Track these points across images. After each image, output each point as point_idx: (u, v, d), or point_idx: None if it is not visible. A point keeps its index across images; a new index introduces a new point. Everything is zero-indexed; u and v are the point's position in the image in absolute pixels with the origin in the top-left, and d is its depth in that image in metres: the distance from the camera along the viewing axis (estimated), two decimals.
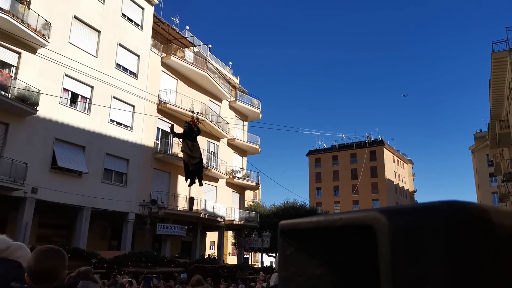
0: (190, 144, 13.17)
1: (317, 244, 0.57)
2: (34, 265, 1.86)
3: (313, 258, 0.59)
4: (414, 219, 0.42)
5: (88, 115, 20.05)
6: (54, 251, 1.94)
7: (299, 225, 0.55)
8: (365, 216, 0.44)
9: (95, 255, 14.52)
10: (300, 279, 0.62)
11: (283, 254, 0.65)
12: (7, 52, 16.88)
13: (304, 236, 0.58)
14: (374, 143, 64.81)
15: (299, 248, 0.61)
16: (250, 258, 40.27)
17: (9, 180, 15.63)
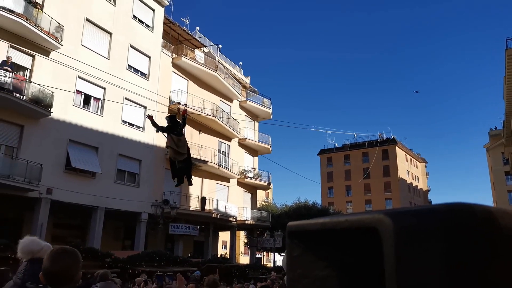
0: (176, 139, 11.76)
1: (323, 246, 0.57)
2: (49, 266, 1.89)
3: (320, 260, 0.59)
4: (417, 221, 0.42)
5: (101, 116, 20.30)
6: (68, 253, 1.97)
7: (306, 227, 0.55)
8: (369, 218, 0.44)
9: (109, 255, 14.68)
10: (306, 280, 0.62)
11: (291, 255, 0.66)
12: (21, 55, 17.19)
13: (311, 238, 0.58)
14: (386, 141, 64.22)
15: (306, 250, 0.61)
16: (262, 258, 40.29)
17: (25, 181, 15.92)
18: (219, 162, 26.97)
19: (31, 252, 2.55)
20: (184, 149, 12.02)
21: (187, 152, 12.18)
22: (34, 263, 2.52)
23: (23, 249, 2.57)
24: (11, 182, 15.47)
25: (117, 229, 23.09)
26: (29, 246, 2.57)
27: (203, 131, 26.50)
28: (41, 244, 2.60)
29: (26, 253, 2.56)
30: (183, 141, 11.99)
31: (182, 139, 11.98)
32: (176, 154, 11.86)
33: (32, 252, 2.55)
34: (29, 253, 2.55)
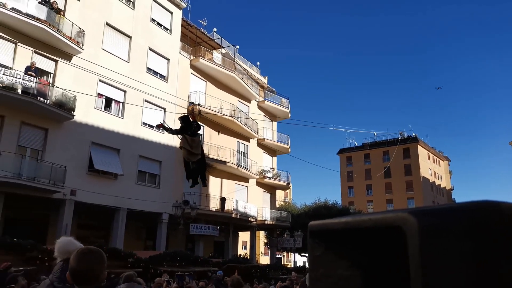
0: (190, 139, 11.38)
1: (346, 245, 0.56)
2: (76, 265, 1.94)
3: (343, 259, 0.59)
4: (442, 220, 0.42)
5: (121, 119, 20.66)
6: (94, 253, 2.01)
7: (328, 226, 0.54)
8: (393, 217, 0.43)
9: (131, 255, 14.92)
10: (329, 280, 0.62)
11: (313, 255, 0.65)
12: (45, 60, 17.67)
13: (333, 237, 0.57)
14: (408, 140, 63.08)
15: (328, 249, 0.60)
16: (282, 258, 40.18)
17: (50, 183, 16.35)
18: (238, 162, 27.05)
19: (67, 252, 2.63)
20: (198, 149, 11.78)
21: (201, 153, 11.95)
22: (69, 263, 2.61)
23: (60, 249, 2.65)
24: (37, 184, 15.93)
25: (139, 229, 23.44)
26: (66, 246, 2.65)
27: (221, 132, 26.64)
28: (76, 245, 2.68)
29: (63, 253, 2.64)
30: (196, 141, 11.75)
31: (196, 139, 11.73)
32: (190, 155, 11.62)
33: (69, 252, 2.63)
34: (65, 253, 2.63)
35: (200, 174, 12.53)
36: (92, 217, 20.24)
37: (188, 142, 11.37)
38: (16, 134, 16.37)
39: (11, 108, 15.89)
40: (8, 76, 15.33)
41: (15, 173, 15.32)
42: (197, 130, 11.83)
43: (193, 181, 12.47)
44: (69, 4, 18.87)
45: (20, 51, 16.72)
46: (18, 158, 15.96)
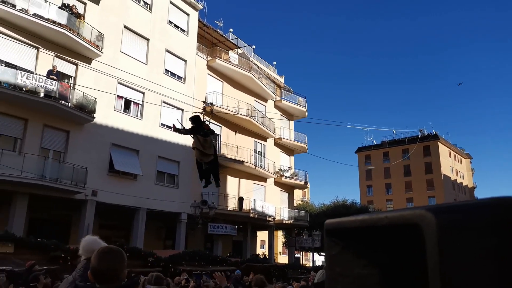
0: (202, 140, 11.14)
1: (363, 244, 0.55)
2: (96, 264, 1.98)
3: (360, 258, 0.58)
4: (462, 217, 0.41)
5: (140, 120, 20.96)
6: (114, 252, 2.05)
7: (344, 224, 0.54)
8: (411, 214, 0.42)
9: (151, 254, 15.10)
10: (346, 279, 0.61)
11: (330, 254, 0.65)
12: (66, 64, 18.08)
13: (350, 236, 0.57)
14: (428, 137, 61.90)
15: (345, 248, 0.60)
16: (301, 258, 40.02)
17: (72, 184, 16.72)
18: (255, 162, 27.09)
19: (92, 251, 2.68)
20: (211, 150, 11.53)
21: (213, 153, 11.70)
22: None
23: (84, 248, 2.71)
24: (59, 185, 16.31)
25: (158, 229, 23.73)
26: (91, 245, 2.71)
27: (239, 132, 26.72)
28: (101, 244, 2.75)
29: (87, 251, 2.70)
30: (209, 142, 11.44)
31: (208, 139, 11.43)
32: (202, 155, 11.41)
33: (93, 251, 2.69)
34: (90, 251, 2.69)
35: (213, 174, 12.34)
36: (113, 217, 20.60)
37: (200, 143, 11.19)
38: (39, 137, 16.80)
39: (34, 111, 16.32)
40: (31, 80, 15.74)
41: (39, 174, 15.72)
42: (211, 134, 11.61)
43: (206, 182, 12.30)
44: (88, 8, 19.26)
45: (42, 56, 17.15)
46: (41, 160, 16.37)
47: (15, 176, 14.83)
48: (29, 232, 15.67)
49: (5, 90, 15.15)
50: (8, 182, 14.85)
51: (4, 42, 16.12)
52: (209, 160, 11.59)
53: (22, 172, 15.00)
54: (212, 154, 11.57)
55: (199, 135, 11.18)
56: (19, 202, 15.61)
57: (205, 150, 11.23)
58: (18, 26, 16.14)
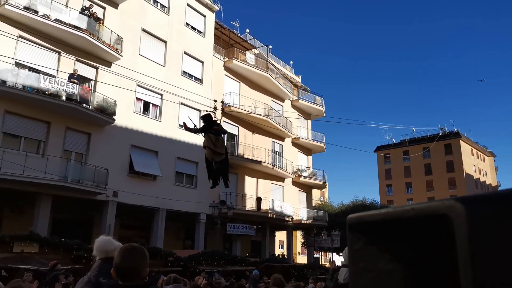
0: (214, 138, 10.85)
1: (387, 238, 0.55)
2: (120, 262, 2.02)
3: (384, 253, 0.57)
4: (492, 206, 0.40)
5: (159, 122, 21.21)
6: (137, 250, 2.09)
7: (367, 218, 0.53)
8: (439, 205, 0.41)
9: (171, 254, 15.28)
10: (370, 274, 0.60)
11: (352, 249, 0.64)
12: (86, 67, 18.46)
13: (373, 230, 0.56)
14: (449, 135, 60.56)
15: (368, 242, 0.59)
16: (320, 258, 39.79)
17: (93, 185, 17.06)
18: (273, 162, 27.05)
19: (105, 251, 2.71)
20: (222, 149, 11.22)
21: (224, 153, 11.36)
22: (107, 261, 2.69)
23: (98, 248, 2.75)
24: (81, 186, 16.66)
25: (178, 229, 23.96)
26: (104, 246, 2.74)
27: (256, 132, 26.74)
28: (114, 244, 2.77)
29: (101, 252, 2.73)
30: (221, 141, 11.15)
31: (220, 138, 11.16)
32: (213, 154, 11.06)
33: (106, 251, 2.71)
34: (104, 252, 2.72)
35: (222, 174, 11.93)
36: (134, 218, 20.91)
37: (212, 141, 10.91)
38: (61, 139, 17.20)
39: (57, 114, 16.72)
40: (53, 84, 16.13)
41: (61, 176, 16.09)
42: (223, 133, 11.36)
43: (214, 182, 11.90)
44: (107, 12, 19.61)
45: (64, 60, 17.55)
46: (63, 161, 16.75)
47: (39, 178, 15.22)
48: (53, 232, 16.05)
49: (29, 94, 15.57)
50: (32, 184, 15.25)
51: (27, 48, 16.57)
52: (220, 160, 11.27)
53: (46, 174, 15.37)
54: (224, 153, 11.28)
55: (211, 133, 10.95)
56: (43, 203, 16.02)
57: (216, 149, 10.98)
58: (40, 32, 16.56)
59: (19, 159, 14.91)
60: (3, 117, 15.55)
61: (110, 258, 2.65)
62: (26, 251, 11.89)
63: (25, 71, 16.00)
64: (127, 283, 1.98)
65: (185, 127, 11.27)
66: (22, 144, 16.16)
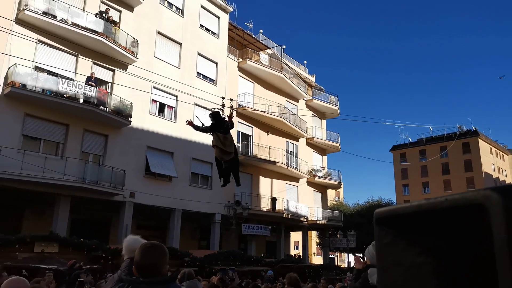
0: (222, 137, 10.62)
1: (417, 231, 0.55)
2: (140, 259, 2.05)
3: (413, 246, 0.57)
4: None
5: (174, 123, 21.40)
6: (156, 247, 2.12)
7: (397, 211, 0.53)
8: (474, 195, 0.41)
9: (187, 254, 15.38)
10: (399, 268, 0.60)
11: (380, 243, 0.64)
12: (103, 70, 18.76)
13: (402, 223, 0.56)
14: (467, 134, 59.40)
15: (397, 236, 0.59)
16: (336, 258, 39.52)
17: (110, 186, 17.31)
18: (287, 162, 27.00)
19: (134, 250, 2.77)
20: (231, 148, 10.94)
21: (234, 151, 11.07)
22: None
23: (127, 247, 2.80)
24: (99, 187, 16.93)
25: (193, 229, 24.12)
26: (133, 245, 2.79)
27: (270, 132, 26.73)
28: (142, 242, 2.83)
29: (130, 251, 2.78)
30: (229, 139, 10.88)
31: (229, 137, 10.88)
32: (222, 154, 10.79)
33: (135, 250, 2.77)
34: (132, 251, 2.77)
35: (233, 173, 11.71)
36: (150, 218, 21.14)
37: (220, 140, 10.64)
38: (79, 141, 17.51)
39: (75, 116, 17.03)
40: (71, 87, 16.45)
41: (80, 177, 16.39)
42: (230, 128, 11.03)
43: (225, 181, 11.63)
44: (123, 16, 19.89)
45: (81, 63, 17.87)
46: (81, 163, 17.05)
47: (58, 179, 15.52)
48: (72, 232, 16.34)
49: (48, 97, 15.91)
50: (52, 185, 15.57)
51: (46, 52, 16.93)
52: (230, 159, 11.04)
53: (65, 176, 15.67)
54: (233, 152, 11.02)
55: (219, 132, 10.72)
56: (62, 204, 16.33)
57: (225, 148, 10.72)
58: (59, 36, 16.90)
59: (39, 161, 15.24)
60: (23, 120, 15.92)
61: None
62: (46, 251, 12.14)
63: (44, 74, 16.35)
64: (148, 279, 2.00)
65: (191, 124, 10.93)
66: (42, 146, 16.51)
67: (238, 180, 12.06)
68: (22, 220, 17.34)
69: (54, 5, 16.61)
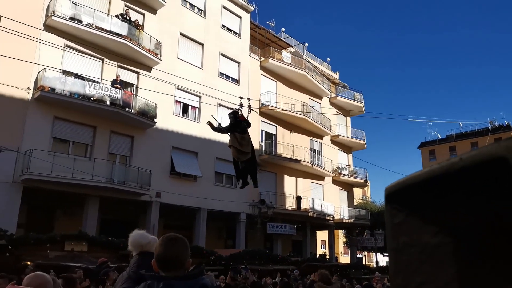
0: (239, 137, 10.39)
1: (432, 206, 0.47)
2: (163, 252, 1.92)
3: (428, 224, 0.50)
4: None
5: (198, 123, 21.57)
6: (179, 239, 2.00)
7: (408, 182, 0.46)
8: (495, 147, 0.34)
9: (213, 253, 15.48)
10: (413, 250, 0.53)
11: (392, 223, 0.57)
12: (128, 72, 19.12)
13: (415, 197, 0.49)
14: (499, 129, 57.14)
15: (410, 214, 0.52)
16: (363, 258, 38.88)
17: (137, 186, 17.63)
18: (312, 160, 26.74)
19: (140, 246, 2.72)
20: (248, 148, 10.66)
21: (251, 152, 10.76)
22: (144, 256, 2.69)
23: (133, 243, 2.76)
24: (126, 187, 17.27)
25: (219, 228, 24.25)
26: (138, 240, 2.75)
27: (294, 131, 26.55)
28: (148, 238, 2.77)
29: (135, 246, 2.74)
30: (247, 139, 10.59)
31: (246, 137, 10.59)
32: (239, 154, 10.57)
33: (141, 245, 2.72)
34: (138, 246, 2.72)
35: (250, 174, 11.36)
36: (176, 218, 21.39)
37: (237, 140, 10.45)
38: (106, 142, 17.92)
39: (101, 118, 17.44)
40: (98, 90, 16.85)
41: (108, 178, 16.77)
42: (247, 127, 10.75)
43: (243, 182, 11.33)
44: (146, 18, 20.22)
45: (107, 67, 18.29)
46: (109, 164, 17.44)
47: (87, 180, 15.93)
48: (101, 232, 16.74)
49: (76, 100, 16.36)
50: (81, 186, 16.00)
51: (73, 56, 17.42)
52: (247, 159, 10.75)
53: (93, 176, 16.07)
54: (250, 152, 10.73)
55: (237, 132, 10.53)
56: (91, 204, 16.75)
57: (242, 148, 10.50)
58: (85, 40, 17.35)
59: (68, 163, 15.68)
60: (53, 122, 16.43)
61: (145, 252, 2.64)
62: (76, 250, 12.47)
63: (72, 78, 16.82)
64: (170, 275, 1.88)
65: (210, 125, 10.76)
66: (71, 148, 16.99)
67: (255, 181, 11.66)
68: (54, 220, 17.90)
69: (80, 10, 17.06)
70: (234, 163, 11.30)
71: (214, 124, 10.90)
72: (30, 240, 11.70)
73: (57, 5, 16.45)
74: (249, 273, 7.82)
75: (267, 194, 22.28)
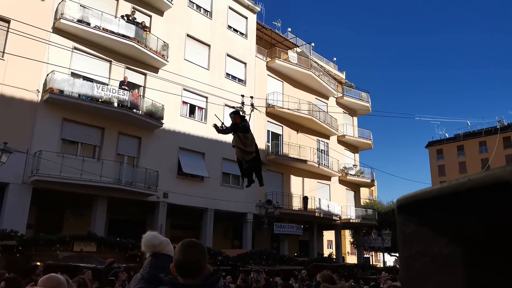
0: (242, 137, 10.34)
1: (443, 218, 0.50)
2: (182, 257, 1.91)
3: (440, 235, 0.53)
4: None
5: (205, 124, 21.66)
6: (199, 245, 2.00)
7: (419, 197, 0.49)
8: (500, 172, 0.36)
9: (220, 253, 15.54)
10: (425, 259, 0.56)
11: (403, 233, 0.60)
12: (136, 74, 19.26)
13: (426, 210, 0.52)
14: (508, 128, 56.60)
15: (421, 224, 0.55)
16: (371, 258, 38.72)
17: (145, 187, 17.75)
18: (318, 160, 26.72)
19: (152, 246, 2.76)
20: (252, 147, 10.60)
21: (255, 151, 10.71)
22: (157, 257, 2.72)
23: (146, 243, 2.81)
24: (134, 188, 17.39)
25: (226, 229, 24.32)
26: (151, 241, 2.80)
27: (300, 131, 26.54)
28: (161, 239, 2.82)
29: (148, 247, 2.79)
30: (250, 138, 10.52)
31: (249, 136, 10.53)
32: (243, 154, 10.53)
33: (154, 246, 2.76)
34: (151, 246, 2.77)
35: (255, 173, 11.35)
36: (183, 218, 21.50)
37: (240, 140, 10.32)
38: (114, 143, 18.06)
39: (110, 120, 17.59)
40: (106, 91, 17.00)
41: (116, 179, 16.90)
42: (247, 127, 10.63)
43: (249, 181, 11.36)
44: (153, 20, 20.35)
45: (114, 68, 18.43)
46: (117, 165, 17.58)
47: (95, 181, 16.07)
48: (109, 232, 16.88)
49: (84, 102, 16.52)
50: (89, 187, 16.14)
51: (81, 58, 17.58)
52: (251, 158, 10.74)
53: (101, 177, 16.21)
54: (254, 151, 10.67)
55: (239, 131, 10.44)
56: (100, 205, 16.90)
57: (246, 148, 10.42)
58: (93, 42, 17.51)
59: (77, 164, 15.83)
60: (62, 124, 16.59)
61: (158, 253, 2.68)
62: (85, 250, 12.59)
63: (80, 80, 16.98)
64: (189, 281, 1.87)
65: (217, 129, 10.71)
66: (79, 149, 17.16)
67: (261, 180, 11.63)
68: (63, 221, 18.09)
69: (88, 13, 17.22)
70: (238, 163, 11.27)
71: (218, 124, 10.90)
72: (40, 241, 11.84)
73: (66, 8, 16.62)
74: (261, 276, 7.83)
75: (273, 194, 22.30)
